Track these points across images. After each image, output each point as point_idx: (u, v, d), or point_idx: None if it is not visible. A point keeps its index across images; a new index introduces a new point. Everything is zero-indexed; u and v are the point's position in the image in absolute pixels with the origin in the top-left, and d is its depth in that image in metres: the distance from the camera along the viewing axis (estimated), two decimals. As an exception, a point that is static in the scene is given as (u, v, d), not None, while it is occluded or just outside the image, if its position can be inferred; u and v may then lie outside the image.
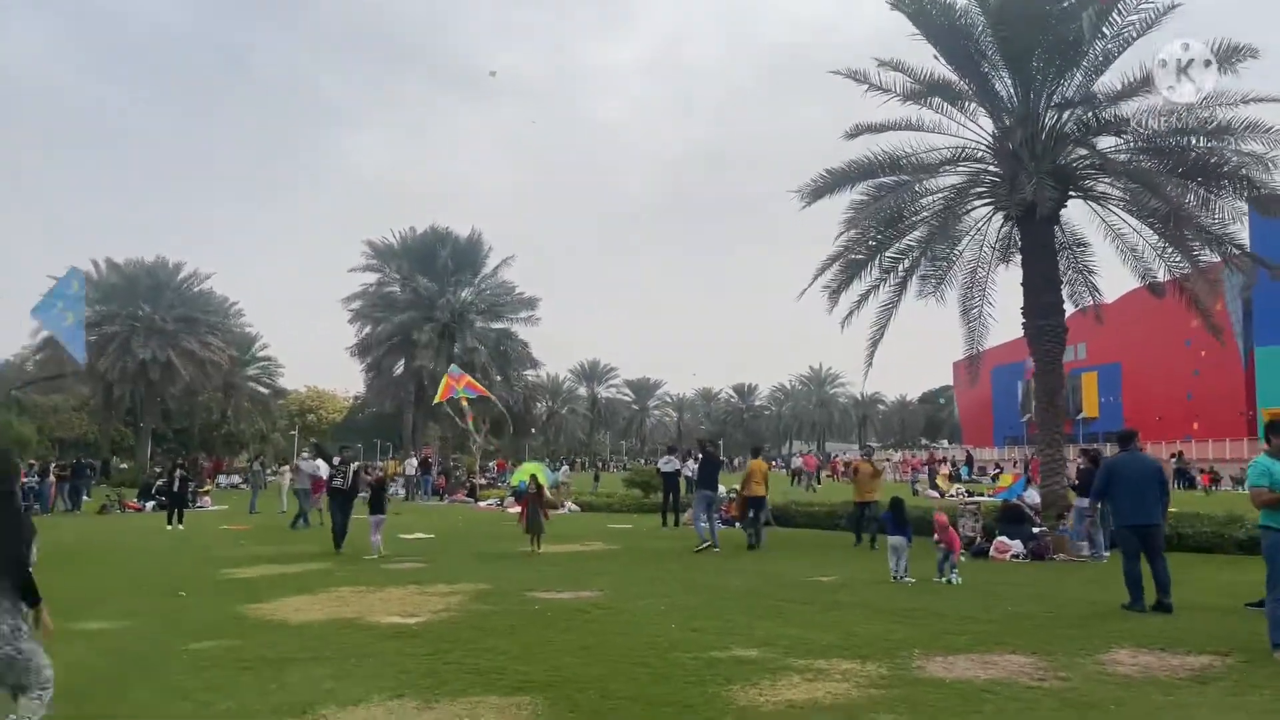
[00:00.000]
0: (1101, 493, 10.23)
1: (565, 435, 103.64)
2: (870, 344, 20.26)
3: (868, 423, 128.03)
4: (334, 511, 16.61)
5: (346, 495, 16.67)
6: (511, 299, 45.92)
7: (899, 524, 12.20)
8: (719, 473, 17.47)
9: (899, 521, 12.23)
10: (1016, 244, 20.57)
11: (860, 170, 19.17)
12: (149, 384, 53.45)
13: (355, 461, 18.06)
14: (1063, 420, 18.34)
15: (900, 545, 12.08)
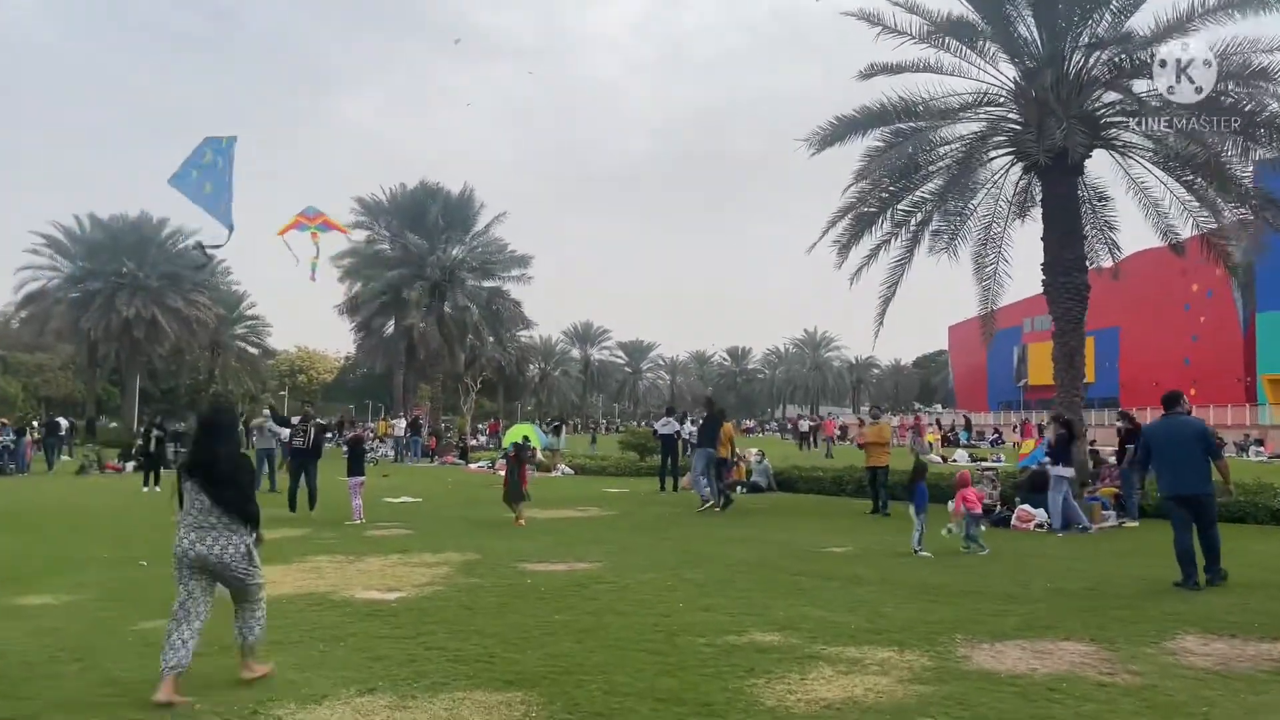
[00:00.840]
0: (1144, 463, 9.33)
1: (558, 397, 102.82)
2: (882, 302, 19.31)
3: (862, 387, 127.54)
4: (293, 472, 15.73)
5: (308, 455, 15.76)
6: (504, 256, 44.67)
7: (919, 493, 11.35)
8: (719, 432, 16.96)
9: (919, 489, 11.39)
10: (1034, 198, 19.62)
11: (873, 116, 18.08)
12: (133, 342, 52.32)
13: (316, 420, 17.09)
14: (1083, 383, 17.42)
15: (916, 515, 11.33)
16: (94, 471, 27.04)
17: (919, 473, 11.72)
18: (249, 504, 5.64)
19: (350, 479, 14.61)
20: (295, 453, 16.05)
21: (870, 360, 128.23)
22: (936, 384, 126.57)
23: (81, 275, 52.37)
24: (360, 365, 72.43)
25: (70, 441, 37.98)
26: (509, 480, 14.37)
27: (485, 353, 51.09)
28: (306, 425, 16.10)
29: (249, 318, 68.18)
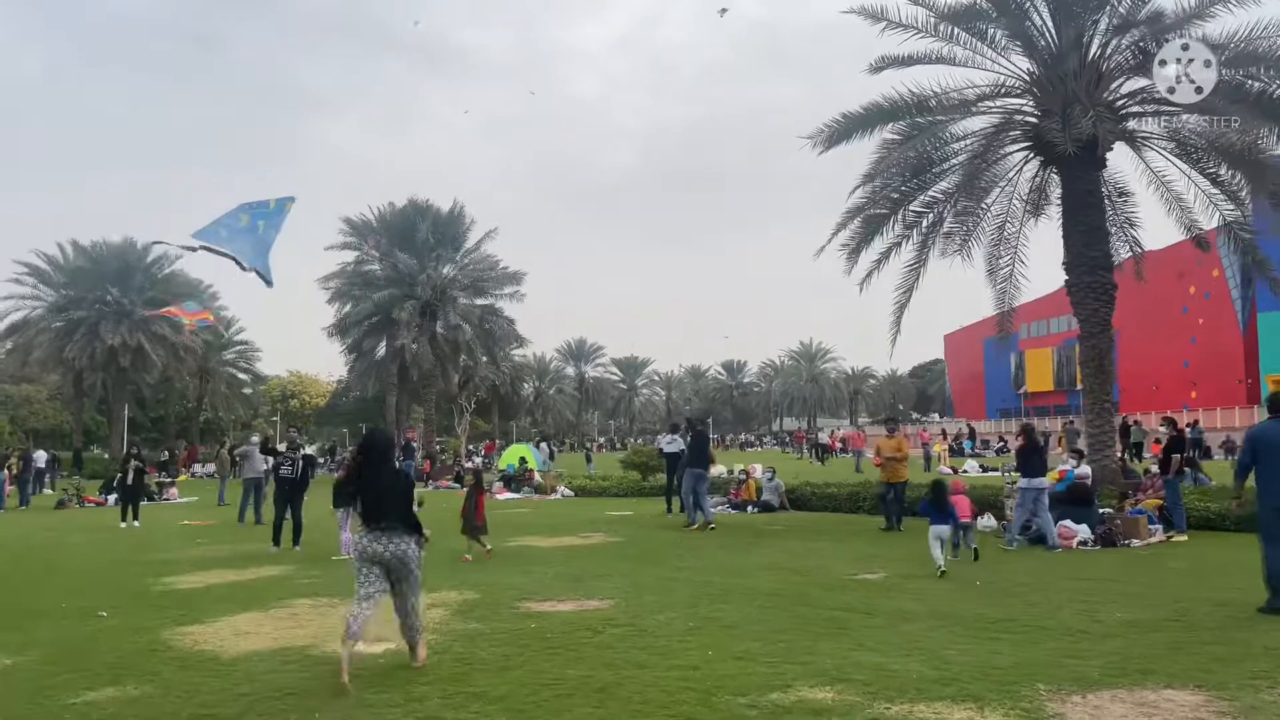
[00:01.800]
0: (1245, 469, 8.32)
1: (553, 416, 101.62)
2: (896, 308, 18.45)
3: (859, 397, 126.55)
4: (278, 503, 14.73)
5: (295, 486, 14.77)
6: (496, 273, 43.71)
7: (941, 510, 10.74)
8: (708, 450, 16.87)
9: (941, 507, 10.77)
10: (1048, 196, 18.81)
11: (883, 112, 17.24)
12: (120, 371, 51.13)
13: (304, 447, 16.07)
14: (1111, 387, 16.50)
15: (945, 534, 10.70)
16: (73, 505, 25.91)
17: (938, 489, 11.09)
18: (409, 514, 6.69)
19: (338, 510, 13.57)
20: (281, 483, 15.02)
21: (867, 371, 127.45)
22: (933, 393, 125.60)
23: (64, 304, 51.20)
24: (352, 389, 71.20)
25: (53, 475, 36.87)
26: (466, 510, 12.96)
27: (479, 372, 50.08)
28: (294, 454, 15.08)
29: (238, 343, 67.00)
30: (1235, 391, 65.12)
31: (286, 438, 16.27)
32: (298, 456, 14.95)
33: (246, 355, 68.09)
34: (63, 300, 51.43)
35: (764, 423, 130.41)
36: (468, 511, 12.88)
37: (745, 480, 20.14)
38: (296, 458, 14.91)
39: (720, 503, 19.83)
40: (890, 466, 15.55)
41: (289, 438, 16.05)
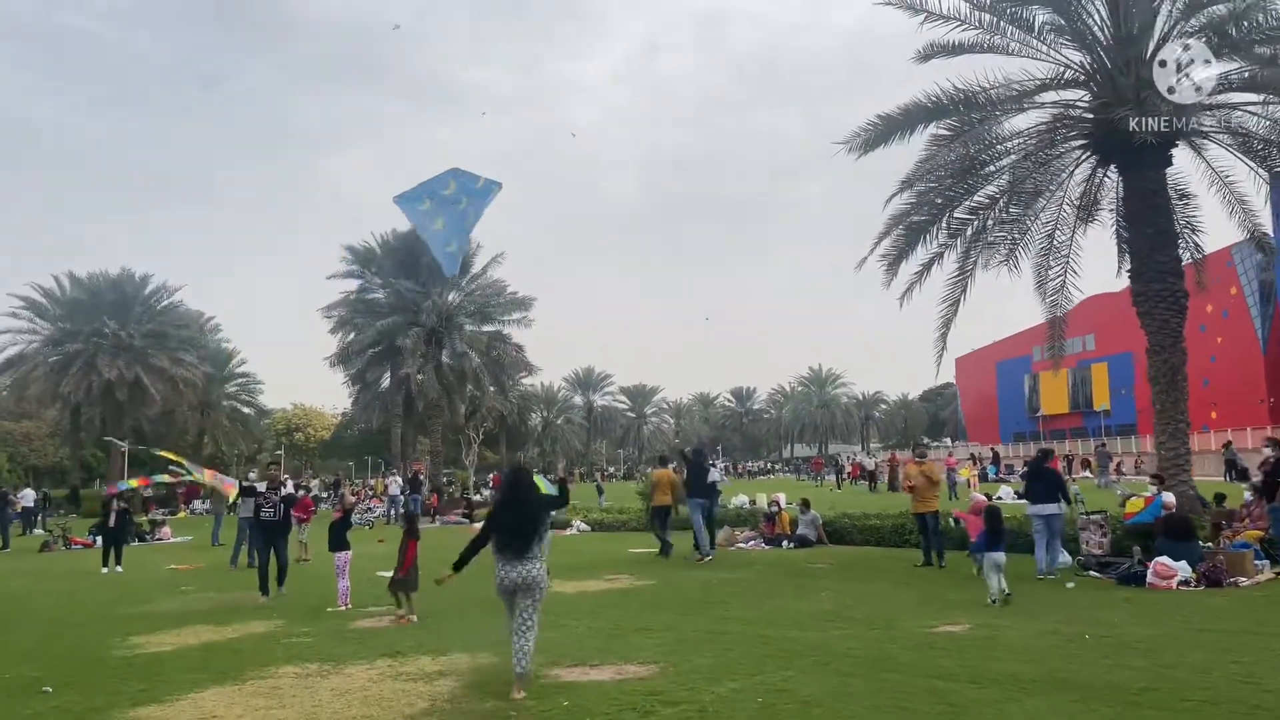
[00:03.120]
0: None
1: (562, 446, 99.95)
2: (942, 323, 16.96)
3: (871, 423, 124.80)
4: (259, 548, 13.33)
5: (278, 529, 13.35)
6: (503, 299, 42.23)
7: (997, 537, 10.52)
8: (707, 479, 16.60)
9: (997, 534, 10.57)
10: (1097, 200, 17.40)
11: (925, 111, 15.82)
12: (116, 405, 49.76)
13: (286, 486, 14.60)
14: (1186, 406, 14.98)
15: (1002, 561, 10.30)
16: (58, 548, 24.43)
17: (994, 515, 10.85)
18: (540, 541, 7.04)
19: (335, 554, 12.08)
20: (262, 527, 13.56)
21: (878, 395, 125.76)
22: (945, 417, 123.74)
23: (61, 337, 49.93)
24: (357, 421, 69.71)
25: (45, 514, 35.44)
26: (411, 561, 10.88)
27: (486, 402, 48.61)
28: (275, 491, 13.60)
29: (240, 375, 65.70)
30: (1257, 411, 63.32)
31: (266, 475, 14.77)
32: (278, 498, 13.47)
33: (248, 388, 66.85)
34: (59, 334, 50.21)
35: (773, 449, 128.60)
36: (399, 562, 10.91)
37: (778, 512, 18.60)
38: (277, 499, 13.43)
39: (752, 537, 18.32)
40: (921, 495, 14.17)
41: (269, 475, 14.55)
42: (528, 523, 6.95)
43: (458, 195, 9.57)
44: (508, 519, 7.03)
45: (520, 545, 6.85)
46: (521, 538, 6.86)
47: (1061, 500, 12.43)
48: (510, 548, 6.87)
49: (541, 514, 7.19)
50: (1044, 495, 12.43)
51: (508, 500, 7.19)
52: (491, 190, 9.75)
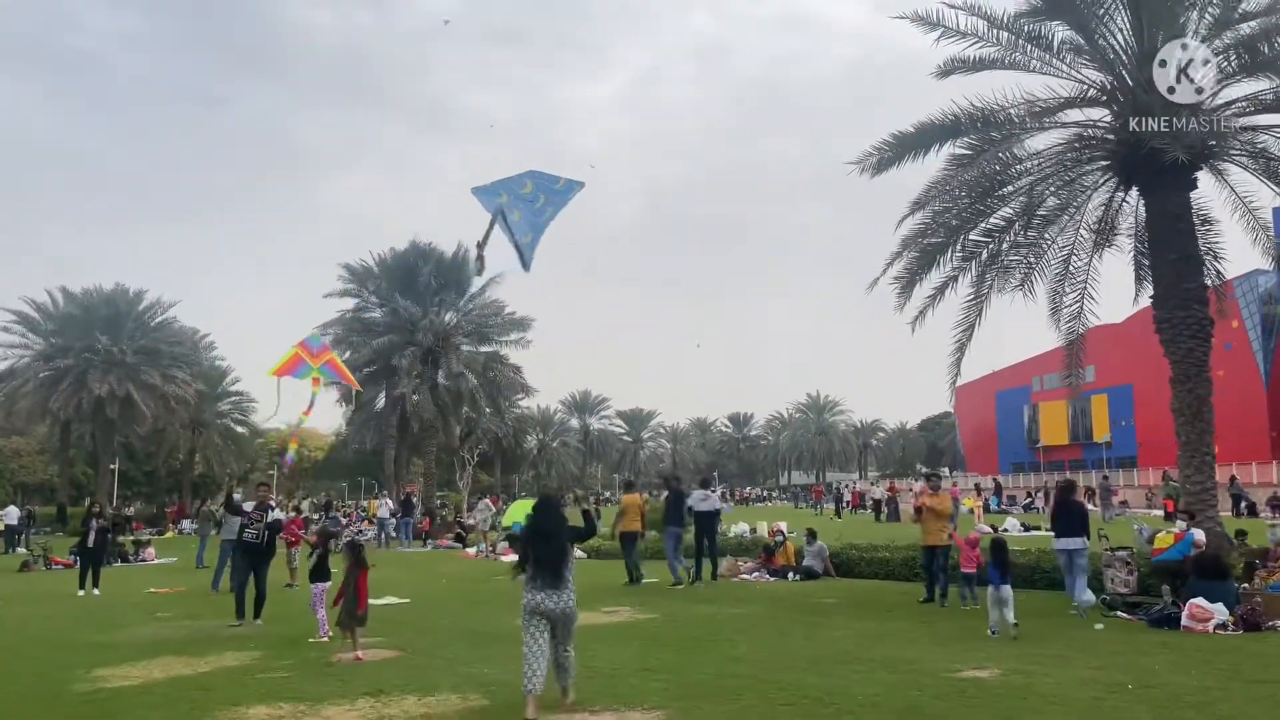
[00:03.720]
0: None
1: (557, 469, 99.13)
2: (956, 348, 16.36)
3: (869, 451, 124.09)
4: (239, 572, 12.68)
5: (261, 554, 12.74)
6: (501, 319, 41.67)
7: (1004, 570, 10.37)
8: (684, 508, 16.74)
9: (1003, 567, 10.40)
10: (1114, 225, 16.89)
11: (940, 129, 15.30)
12: (107, 422, 48.99)
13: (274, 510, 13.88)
14: (1212, 439, 14.37)
15: (1008, 596, 10.22)
16: (38, 568, 23.68)
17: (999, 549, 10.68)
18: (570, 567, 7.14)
19: (313, 585, 11.38)
20: (245, 550, 12.89)
21: (876, 423, 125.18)
22: (944, 446, 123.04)
23: (52, 352, 49.25)
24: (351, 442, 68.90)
25: (29, 532, 34.67)
26: (344, 593, 9.95)
27: (482, 424, 47.94)
28: (263, 514, 12.94)
29: (233, 393, 64.93)
30: (1260, 445, 62.76)
31: (256, 496, 14.11)
32: (264, 521, 12.81)
33: (242, 406, 66.10)
34: (50, 349, 49.56)
35: (770, 476, 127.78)
36: (346, 595, 9.93)
37: (783, 543, 17.93)
38: (263, 522, 12.77)
39: (756, 568, 17.64)
40: (931, 527, 13.51)
41: (258, 496, 13.90)
42: (557, 553, 7.02)
43: (535, 195, 9.28)
44: (538, 549, 7.08)
45: (550, 575, 6.92)
46: (551, 567, 6.94)
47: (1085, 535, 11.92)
48: (540, 577, 6.94)
49: (569, 544, 7.24)
50: (1066, 529, 12.05)
51: (538, 530, 7.20)
52: (573, 189, 9.42)
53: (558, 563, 6.98)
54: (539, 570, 6.96)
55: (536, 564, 7.00)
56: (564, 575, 7.00)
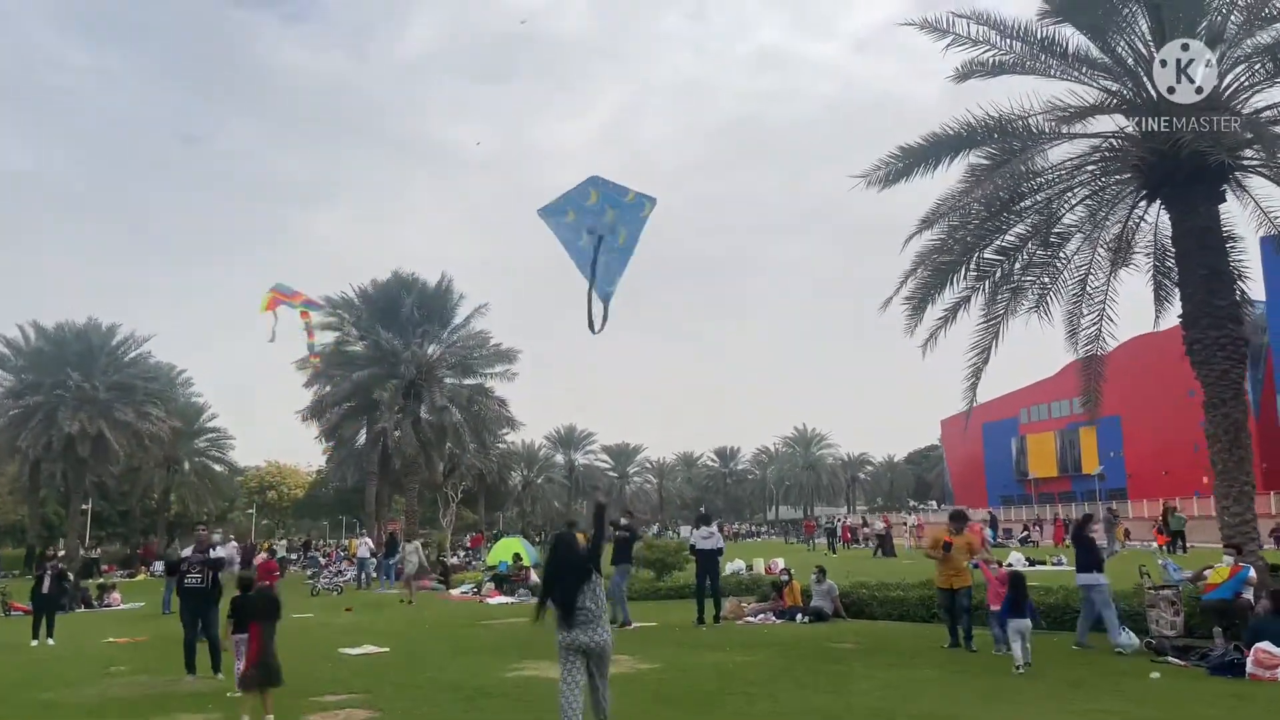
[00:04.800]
0: None
1: (542, 505, 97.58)
2: (972, 371, 15.44)
3: (856, 485, 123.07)
4: (185, 621, 11.56)
5: (205, 598, 11.54)
6: (486, 351, 40.55)
7: (1021, 603, 10.76)
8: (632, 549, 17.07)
9: (1021, 600, 10.80)
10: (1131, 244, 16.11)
11: (953, 141, 14.49)
12: (78, 461, 47.46)
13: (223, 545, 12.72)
14: (1251, 466, 13.48)
15: (1026, 629, 10.49)
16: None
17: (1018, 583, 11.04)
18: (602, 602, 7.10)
19: (234, 636, 10.14)
20: (188, 596, 11.71)
21: (864, 457, 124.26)
22: (932, 479, 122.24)
23: (21, 389, 47.76)
24: (331, 479, 67.33)
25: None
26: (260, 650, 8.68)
27: (465, 460, 46.69)
28: (206, 552, 11.78)
29: (210, 430, 63.35)
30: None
31: (194, 538, 12.89)
32: (205, 560, 11.64)
33: (219, 443, 64.40)
34: (20, 385, 48.08)
35: (758, 511, 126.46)
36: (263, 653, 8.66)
37: (788, 582, 16.84)
38: (203, 562, 11.60)
39: (761, 610, 16.54)
40: (953, 568, 12.45)
41: (197, 538, 12.69)
42: (570, 589, 6.93)
43: (601, 206, 8.40)
44: (554, 587, 7.07)
45: (568, 611, 6.87)
46: (567, 604, 6.88)
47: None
48: (563, 615, 6.92)
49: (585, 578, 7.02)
50: (1083, 564, 11.97)
51: (552, 567, 7.20)
52: (644, 205, 8.46)
53: (571, 600, 6.87)
54: (557, 609, 6.95)
55: (555, 602, 6.98)
56: (584, 609, 6.86)
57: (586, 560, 7.08)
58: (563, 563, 7.09)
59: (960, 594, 12.36)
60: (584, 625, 6.84)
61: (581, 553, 7.16)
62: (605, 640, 6.93)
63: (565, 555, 7.16)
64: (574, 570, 6.99)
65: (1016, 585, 10.97)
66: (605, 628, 6.99)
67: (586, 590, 6.94)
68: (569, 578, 6.95)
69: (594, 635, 6.86)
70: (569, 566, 7.03)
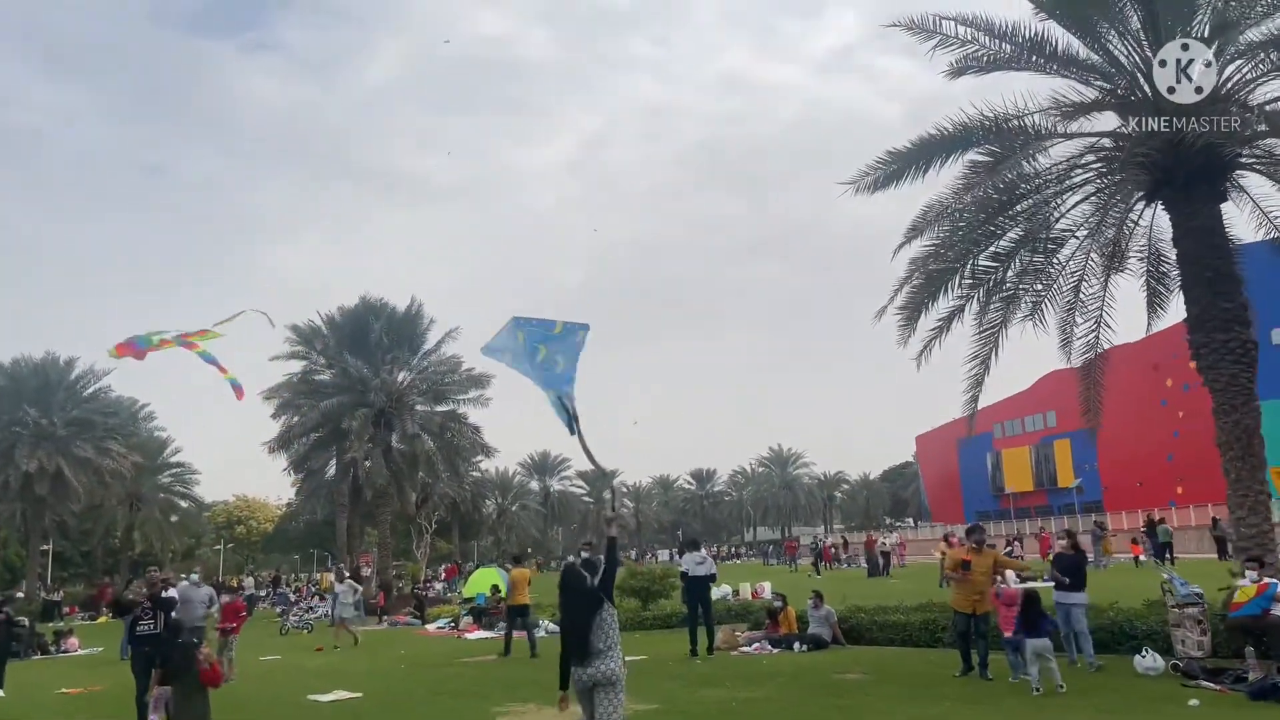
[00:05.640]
0: None
1: (518, 534, 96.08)
2: (972, 382, 14.87)
3: (833, 504, 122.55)
4: (137, 671, 10.52)
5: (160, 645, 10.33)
6: (458, 376, 39.48)
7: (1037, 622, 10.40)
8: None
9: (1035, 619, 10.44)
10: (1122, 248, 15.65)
11: (946, 142, 13.93)
12: (36, 500, 45.83)
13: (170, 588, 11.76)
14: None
15: (1046, 649, 10.15)
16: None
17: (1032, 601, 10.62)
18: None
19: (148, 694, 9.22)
20: (139, 644, 10.76)
21: (840, 475, 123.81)
22: (908, 496, 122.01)
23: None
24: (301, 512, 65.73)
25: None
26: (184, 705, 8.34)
27: (438, 489, 45.57)
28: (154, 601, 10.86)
29: (173, 465, 61.65)
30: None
31: (147, 579, 11.95)
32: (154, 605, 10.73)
33: (183, 478, 62.70)
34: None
35: (735, 533, 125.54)
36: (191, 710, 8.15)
37: (783, 608, 16.07)
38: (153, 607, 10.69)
39: (756, 639, 15.74)
40: (976, 590, 11.62)
41: (149, 578, 11.77)
42: (579, 624, 6.73)
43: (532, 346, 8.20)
44: (564, 621, 6.98)
45: (578, 645, 6.66)
46: (578, 638, 6.68)
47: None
48: (573, 649, 6.69)
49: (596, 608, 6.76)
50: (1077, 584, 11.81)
51: (562, 603, 7.01)
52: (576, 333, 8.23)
53: (583, 633, 6.65)
54: (568, 643, 6.74)
55: (565, 636, 6.81)
56: (593, 646, 6.61)
57: (597, 590, 6.79)
58: (573, 595, 6.83)
59: (980, 619, 11.51)
60: (591, 660, 6.60)
61: (590, 584, 6.84)
62: (611, 670, 6.65)
63: (575, 585, 6.87)
64: (586, 600, 6.73)
65: (1030, 602, 10.52)
66: (605, 663, 6.64)
67: (598, 621, 6.68)
68: (581, 610, 6.71)
69: (599, 668, 6.61)
70: (580, 597, 6.78)
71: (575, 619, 6.72)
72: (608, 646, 6.68)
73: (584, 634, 6.63)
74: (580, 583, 6.89)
